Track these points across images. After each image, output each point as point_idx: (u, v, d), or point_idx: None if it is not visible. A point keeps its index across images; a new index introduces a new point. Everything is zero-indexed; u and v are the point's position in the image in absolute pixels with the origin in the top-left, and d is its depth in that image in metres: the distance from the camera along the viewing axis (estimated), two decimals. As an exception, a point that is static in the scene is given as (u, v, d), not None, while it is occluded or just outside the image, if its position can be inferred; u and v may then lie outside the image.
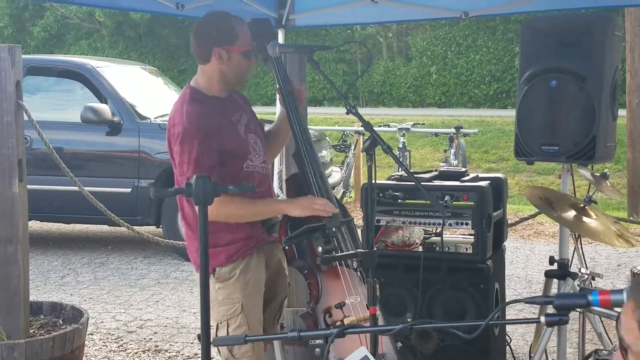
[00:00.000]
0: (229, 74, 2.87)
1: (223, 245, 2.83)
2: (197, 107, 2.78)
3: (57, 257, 7.29)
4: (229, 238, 2.84)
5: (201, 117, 2.76)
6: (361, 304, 2.83)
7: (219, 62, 2.84)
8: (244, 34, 2.86)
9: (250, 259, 2.89)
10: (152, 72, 9.03)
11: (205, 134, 2.73)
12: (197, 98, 2.83)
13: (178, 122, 2.77)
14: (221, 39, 2.82)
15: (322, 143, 8.57)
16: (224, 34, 2.82)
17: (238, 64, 2.86)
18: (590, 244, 7.09)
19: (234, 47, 2.83)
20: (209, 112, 2.80)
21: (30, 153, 5.68)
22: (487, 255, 3.55)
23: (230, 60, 2.84)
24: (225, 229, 2.81)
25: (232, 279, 2.85)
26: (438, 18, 5.13)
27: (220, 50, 2.82)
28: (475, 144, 14.19)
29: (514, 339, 4.53)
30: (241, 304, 2.85)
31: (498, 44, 21.18)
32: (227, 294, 2.85)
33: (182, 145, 2.73)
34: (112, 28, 24.44)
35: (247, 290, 2.87)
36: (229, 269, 2.85)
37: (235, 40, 2.83)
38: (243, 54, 2.86)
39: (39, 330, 4.00)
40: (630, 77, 9.24)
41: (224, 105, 2.89)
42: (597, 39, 3.34)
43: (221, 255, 2.84)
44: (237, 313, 2.85)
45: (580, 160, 3.42)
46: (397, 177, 3.84)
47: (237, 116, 2.92)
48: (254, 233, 2.90)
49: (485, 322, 1.62)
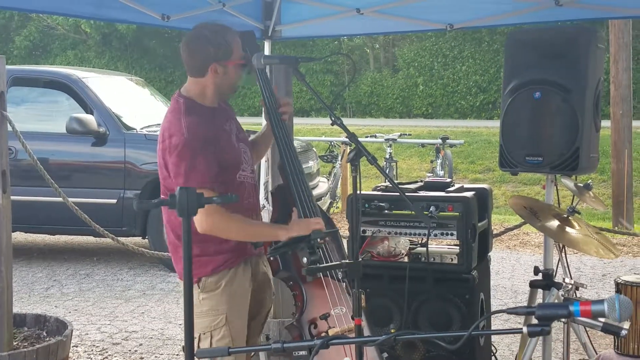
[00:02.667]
0: (224, 86, 2.87)
1: (211, 254, 2.81)
2: (195, 117, 2.76)
3: (42, 269, 7.24)
4: (216, 248, 2.82)
5: (201, 127, 2.74)
6: (346, 314, 2.83)
7: (215, 75, 2.83)
8: (237, 46, 2.86)
9: (236, 270, 2.88)
10: (138, 82, 9.02)
11: (206, 144, 2.72)
12: (193, 108, 2.81)
13: (176, 133, 2.72)
14: (218, 55, 2.81)
15: (309, 154, 8.58)
16: (221, 50, 2.81)
17: (233, 77, 2.87)
18: (575, 254, 7.12)
19: (230, 61, 2.83)
20: (207, 123, 2.78)
21: (15, 164, 5.66)
22: (472, 266, 3.57)
23: (226, 74, 2.84)
24: (213, 239, 2.79)
25: (218, 289, 2.84)
26: (423, 30, 5.17)
27: (217, 66, 2.82)
28: (462, 155, 14.24)
29: (500, 349, 4.54)
30: (225, 315, 2.84)
31: (484, 55, 21.33)
32: (212, 305, 2.84)
33: (181, 157, 2.69)
34: (98, 39, 24.39)
35: (232, 302, 2.86)
36: (215, 279, 2.84)
37: (231, 54, 2.83)
38: (238, 67, 2.87)
39: (22, 343, 3.97)
40: (614, 89, 9.33)
41: (217, 115, 2.89)
42: (581, 51, 3.38)
43: (208, 265, 2.82)
44: (221, 325, 2.83)
45: (564, 171, 3.44)
46: (382, 187, 3.85)
47: (229, 125, 2.92)
48: (242, 245, 2.89)
49: (468, 332, 1.63)
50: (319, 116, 21.41)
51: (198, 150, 2.69)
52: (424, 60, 22.27)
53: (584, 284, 3.58)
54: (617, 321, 1.61)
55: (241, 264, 2.89)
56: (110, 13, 3.95)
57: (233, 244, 2.85)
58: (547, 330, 1.61)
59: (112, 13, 3.95)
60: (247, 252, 2.91)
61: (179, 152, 2.69)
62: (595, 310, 1.58)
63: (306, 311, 2.84)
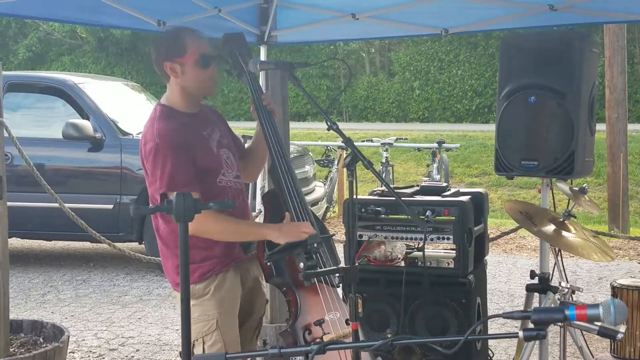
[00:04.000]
0: (189, 86, 2.85)
1: (197, 262, 2.80)
2: (167, 123, 2.78)
3: (38, 275, 7.22)
4: (202, 255, 2.82)
5: (172, 132, 2.75)
6: (340, 320, 2.83)
7: (175, 76, 2.83)
8: (194, 45, 2.82)
9: (225, 275, 2.87)
10: (134, 87, 9.02)
11: (177, 149, 2.72)
12: (167, 114, 2.82)
13: (149, 139, 2.75)
14: (169, 53, 2.81)
15: (305, 158, 8.58)
16: (171, 48, 2.81)
17: (195, 75, 2.83)
18: (572, 258, 7.14)
19: (184, 58, 2.81)
20: (179, 128, 2.79)
21: (11, 170, 5.66)
22: (468, 270, 3.57)
23: (184, 73, 2.82)
24: (199, 246, 2.79)
25: (207, 295, 2.84)
26: (419, 35, 5.17)
27: (172, 65, 2.82)
28: (458, 159, 14.27)
29: (497, 353, 4.54)
30: (216, 320, 2.83)
31: (480, 60, 21.38)
32: (202, 310, 2.83)
33: (155, 162, 2.72)
34: (94, 44, 24.38)
35: (222, 307, 2.85)
36: (203, 285, 2.84)
37: (184, 52, 2.81)
38: (196, 64, 2.82)
39: (19, 349, 3.96)
40: (609, 92, 9.36)
41: (194, 121, 2.88)
42: (575, 56, 3.39)
43: (195, 272, 2.80)
44: (212, 330, 2.83)
45: (560, 175, 3.46)
46: (378, 192, 3.86)
47: (209, 131, 2.91)
48: (230, 251, 2.88)
49: (464, 337, 1.63)
50: (315, 120, 21.43)
51: (169, 154, 2.70)
52: (420, 64, 22.32)
53: (580, 287, 3.59)
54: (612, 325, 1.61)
55: (230, 269, 2.89)
56: (106, 19, 3.95)
57: (219, 251, 2.85)
58: (542, 335, 1.61)
59: (108, 19, 3.96)
60: (235, 257, 2.91)
61: (153, 158, 2.72)
62: (590, 314, 1.59)
63: (300, 317, 2.83)
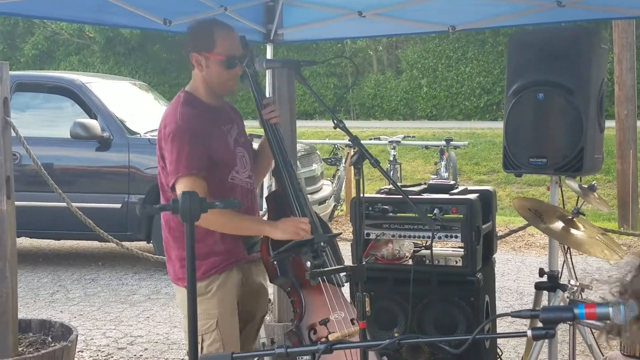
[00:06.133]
0: (211, 81, 2.86)
1: (201, 258, 2.78)
2: (191, 109, 2.79)
3: (47, 274, 7.24)
4: (206, 251, 2.81)
5: (194, 118, 2.76)
6: (345, 319, 2.82)
7: (199, 68, 2.84)
8: (224, 43, 2.82)
9: (227, 275, 2.87)
10: (142, 87, 9.03)
11: (197, 134, 2.73)
12: (191, 101, 2.84)
13: (170, 122, 2.76)
14: (197, 45, 2.82)
15: (313, 156, 8.57)
16: (200, 41, 2.82)
17: (217, 73, 2.84)
18: (581, 255, 7.09)
19: (211, 54, 2.82)
20: (202, 115, 2.80)
21: (19, 170, 5.67)
22: (477, 268, 3.55)
23: (208, 67, 2.83)
24: (203, 242, 2.78)
25: (208, 294, 2.84)
26: (426, 32, 5.15)
27: (198, 56, 2.83)
28: (466, 156, 14.22)
29: (506, 351, 4.52)
30: (217, 320, 2.83)
31: (488, 57, 21.30)
32: (203, 309, 2.82)
33: (173, 144, 2.72)
34: (103, 44, 24.44)
35: (223, 306, 2.85)
36: (205, 283, 2.83)
37: (212, 47, 2.81)
38: (220, 63, 2.82)
39: (27, 349, 3.97)
40: (618, 89, 9.30)
41: (215, 114, 2.89)
42: (584, 52, 3.37)
43: (199, 268, 2.78)
44: (212, 329, 2.83)
45: (568, 172, 3.43)
46: (386, 190, 3.84)
47: (228, 127, 2.92)
48: (234, 249, 2.88)
49: (472, 336, 1.62)
50: (323, 119, 21.40)
51: (188, 138, 2.71)
52: (428, 62, 22.25)
53: (590, 285, 3.56)
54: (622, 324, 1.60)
55: (233, 269, 2.89)
56: (113, 18, 3.95)
57: (224, 247, 2.84)
58: (551, 334, 1.60)
59: (115, 18, 3.96)
60: (239, 256, 2.91)
61: (172, 139, 2.73)
62: (600, 313, 1.57)
63: (305, 317, 2.83)
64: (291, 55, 21.09)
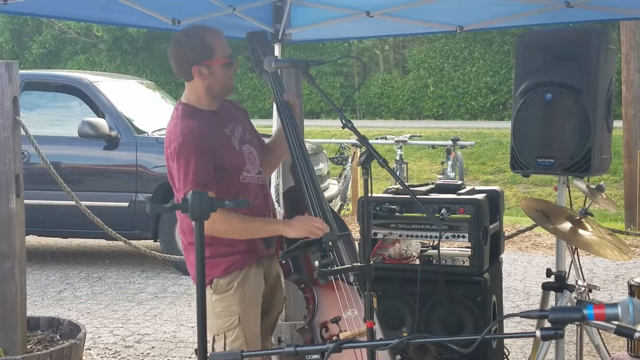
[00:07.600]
0: (214, 87, 2.87)
1: (222, 256, 2.82)
2: (190, 122, 2.79)
3: (55, 272, 7.27)
4: (228, 249, 2.83)
5: (195, 131, 2.76)
6: (357, 318, 2.83)
7: (201, 78, 2.84)
8: (220, 45, 2.84)
9: (248, 271, 2.88)
10: (149, 86, 9.06)
11: (201, 148, 2.74)
12: (189, 113, 2.84)
13: (173, 139, 2.77)
14: (198, 57, 2.81)
15: (319, 156, 8.58)
16: (200, 52, 2.81)
17: (221, 76, 2.86)
18: (588, 256, 7.09)
19: (213, 61, 2.82)
20: (203, 127, 2.80)
21: (28, 168, 5.70)
22: (484, 268, 3.56)
23: (212, 74, 2.84)
24: (224, 240, 2.80)
25: (230, 290, 2.85)
26: (433, 32, 5.15)
27: (199, 68, 2.82)
28: (473, 156, 14.21)
29: (513, 352, 4.52)
30: (238, 316, 2.84)
31: (495, 56, 21.27)
32: (225, 306, 2.84)
33: (179, 161, 2.73)
34: (110, 42, 24.49)
35: (244, 302, 2.86)
36: (227, 280, 2.85)
37: (213, 54, 2.82)
38: (225, 66, 2.85)
39: (36, 346, 4.00)
40: (626, 89, 9.28)
41: (216, 119, 2.89)
42: (592, 53, 3.36)
43: (220, 266, 2.83)
44: (235, 326, 2.84)
45: (576, 173, 3.43)
46: (393, 190, 3.85)
47: (231, 128, 2.92)
48: (254, 246, 2.89)
49: (481, 336, 1.63)
50: (329, 118, 21.41)
51: (192, 152, 2.71)
52: (434, 61, 22.23)
53: (597, 285, 3.56)
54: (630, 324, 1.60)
55: (253, 264, 2.90)
56: (121, 17, 3.97)
57: (244, 245, 2.86)
58: (560, 334, 1.60)
59: (123, 17, 3.97)
60: (259, 252, 2.92)
61: (177, 156, 2.74)
62: (609, 313, 1.58)
63: (317, 314, 2.84)
64: (297, 54, 21.10)
